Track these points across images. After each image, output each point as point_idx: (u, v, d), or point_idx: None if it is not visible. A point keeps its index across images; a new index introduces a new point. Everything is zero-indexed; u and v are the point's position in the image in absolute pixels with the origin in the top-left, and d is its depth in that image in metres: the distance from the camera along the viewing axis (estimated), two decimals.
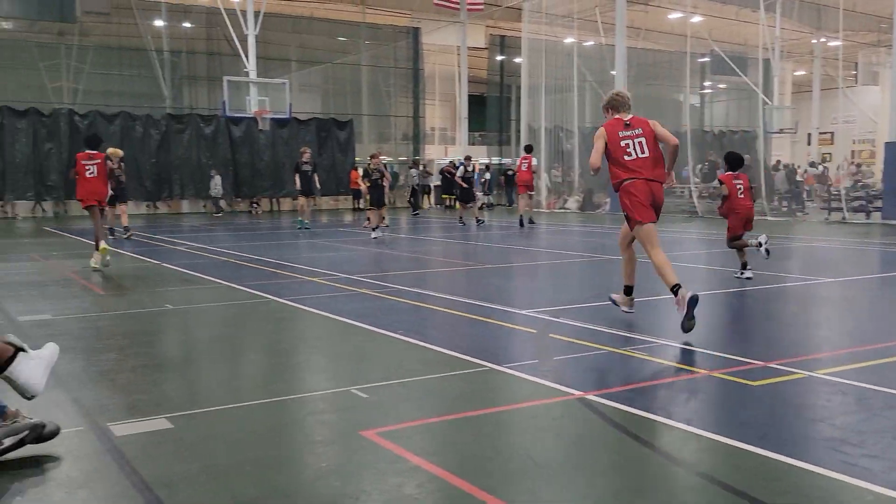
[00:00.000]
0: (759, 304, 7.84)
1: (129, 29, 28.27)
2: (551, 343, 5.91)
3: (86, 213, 11.74)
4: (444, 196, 29.74)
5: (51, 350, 3.51)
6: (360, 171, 21.26)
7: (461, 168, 21.12)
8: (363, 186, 17.60)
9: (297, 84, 32.87)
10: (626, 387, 4.63)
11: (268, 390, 4.68)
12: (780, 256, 11.53)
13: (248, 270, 10.79)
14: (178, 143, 27.00)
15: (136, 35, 28.18)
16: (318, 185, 19.35)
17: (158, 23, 29.21)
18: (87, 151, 11.64)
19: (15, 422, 3.41)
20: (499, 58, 35.73)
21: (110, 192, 14.98)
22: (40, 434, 3.48)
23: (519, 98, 31.90)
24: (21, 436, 3.41)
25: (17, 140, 24.80)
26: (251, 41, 24.08)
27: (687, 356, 5.45)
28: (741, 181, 9.40)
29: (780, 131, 27.82)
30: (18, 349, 3.27)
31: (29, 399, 3.37)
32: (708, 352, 5.54)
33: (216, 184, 26.89)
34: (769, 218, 20.76)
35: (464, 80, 32.39)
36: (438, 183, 30.55)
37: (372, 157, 17.22)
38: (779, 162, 29.86)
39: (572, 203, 27.90)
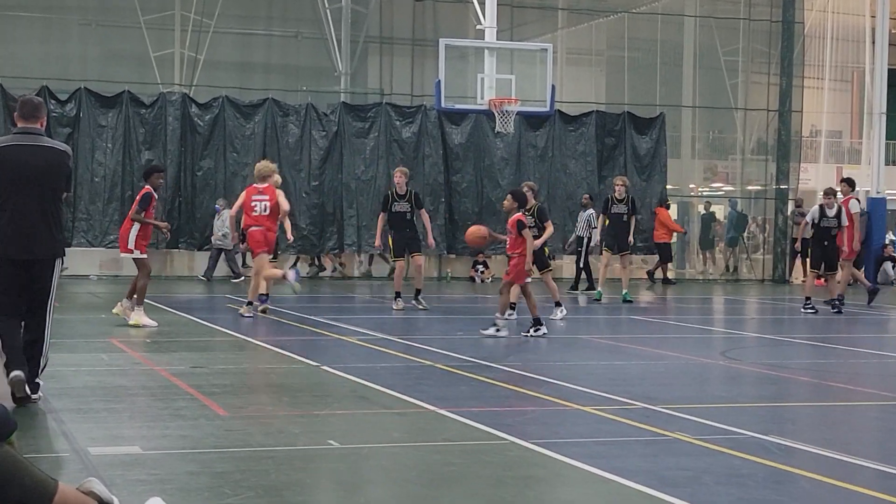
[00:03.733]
0: None
1: None
2: None
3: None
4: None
5: None
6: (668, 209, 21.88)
7: (815, 210, 21.93)
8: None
9: (564, 52, 33.80)
10: None
11: None
12: None
13: (465, 383, 11.10)
14: (355, 153, 28.02)
15: None
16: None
17: None
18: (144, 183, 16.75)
19: None
20: None
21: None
22: None
23: None
24: None
25: (96, 146, 26.72)
26: None
27: None
28: None
29: None
30: None
31: None
32: None
33: (222, 227, 25.99)
34: None
35: (883, 41, 31.58)
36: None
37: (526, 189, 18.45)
38: None
39: None
